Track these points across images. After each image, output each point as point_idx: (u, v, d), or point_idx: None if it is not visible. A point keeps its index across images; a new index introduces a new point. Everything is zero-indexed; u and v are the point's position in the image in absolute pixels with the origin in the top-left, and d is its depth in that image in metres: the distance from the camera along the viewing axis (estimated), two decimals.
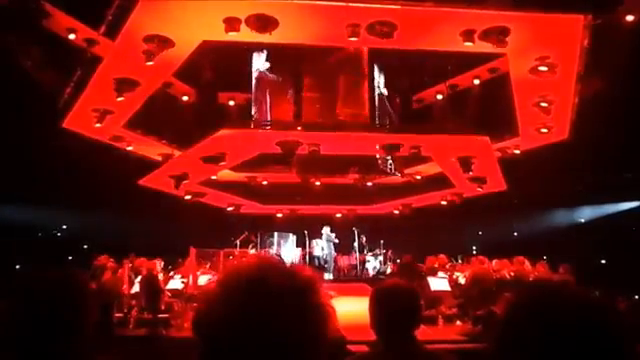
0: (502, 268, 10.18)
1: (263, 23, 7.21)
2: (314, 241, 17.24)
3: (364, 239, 17.00)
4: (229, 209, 16.05)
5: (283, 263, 1.04)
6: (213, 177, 13.18)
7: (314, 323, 0.97)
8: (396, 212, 16.98)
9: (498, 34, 7.48)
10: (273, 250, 16.18)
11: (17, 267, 14.45)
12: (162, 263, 11.13)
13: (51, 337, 1.51)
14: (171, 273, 11.32)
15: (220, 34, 7.43)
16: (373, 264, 16.69)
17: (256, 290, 0.94)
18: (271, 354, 0.92)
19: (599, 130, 11.23)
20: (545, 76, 8.58)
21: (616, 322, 0.93)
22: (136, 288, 9.76)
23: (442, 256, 12.03)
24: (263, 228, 16.93)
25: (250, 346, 0.91)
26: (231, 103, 13.47)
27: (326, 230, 16.92)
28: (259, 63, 12.08)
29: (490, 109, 11.51)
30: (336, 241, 16.88)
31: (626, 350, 0.90)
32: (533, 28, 7.55)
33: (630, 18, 7.98)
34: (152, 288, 9.29)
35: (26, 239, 16.21)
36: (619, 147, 12.35)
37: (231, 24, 7.18)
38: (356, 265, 16.81)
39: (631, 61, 8.71)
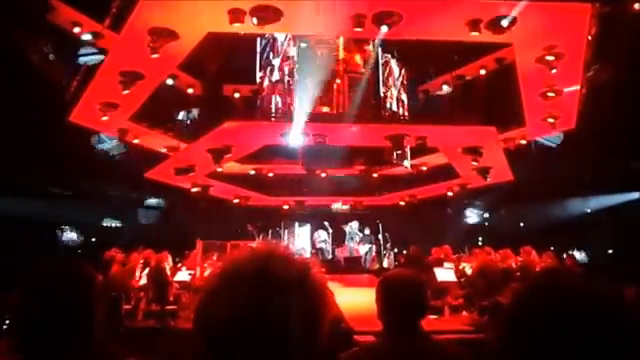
0: (508, 258, 10.15)
1: (268, 14, 7.18)
2: (316, 233, 17.29)
3: (367, 231, 17.02)
4: (235, 201, 16.11)
5: (281, 250, 1.04)
6: (219, 169, 13.21)
7: (315, 308, 0.98)
8: (402, 203, 16.98)
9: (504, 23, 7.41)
10: (290, 240, 16.34)
11: (26, 260, 14.57)
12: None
13: (60, 328, 1.53)
14: (179, 265, 11.38)
15: (225, 25, 7.41)
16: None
17: (256, 279, 0.95)
18: (274, 341, 0.92)
19: (608, 119, 11.14)
20: (552, 65, 8.50)
21: (622, 311, 0.93)
22: (144, 280, 9.82)
23: (447, 247, 12.02)
24: (284, 218, 17.03)
25: (253, 335, 0.92)
26: (236, 95, 13.47)
27: (352, 225, 17.01)
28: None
29: (497, 99, 11.45)
30: (360, 235, 16.95)
31: (632, 339, 0.90)
32: (540, 17, 7.47)
33: (638, 6, 7.88)
34: (160, 280, 9.34)
35: (35, 232, 16.33)
36: (628, 136, 12.26)
37: (235, 15, 7.16)
38: (359, 257, 16.79)
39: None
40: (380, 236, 16.75)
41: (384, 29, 7.50)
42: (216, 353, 0.95)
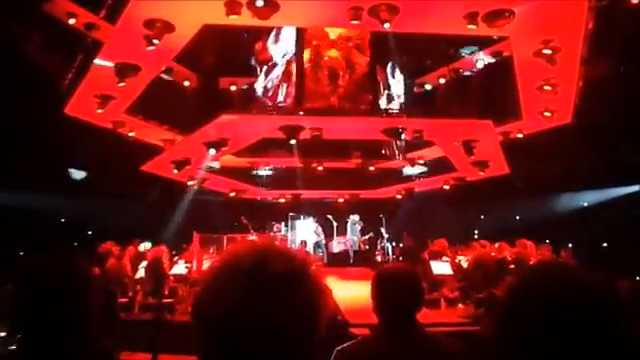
0: (504, 251, 10.20)
1: (264, 6, 7.14)
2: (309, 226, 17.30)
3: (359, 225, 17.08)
4: (231, 194, 16.08)
5: (280, 246, 1.04)
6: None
7: (313, 305, 0.98)
8: (398, 196, 17.00)
9: (502, 16, 7.38)
10: (288, 233, 16.40)
11: (21, 253, 14.53)
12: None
13: (55, 321, 1.52)
14: (175, 258, 11.39)
15: (221, 17, 7.36)
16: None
17: (254, 274, 0.95)
18: (271, 337, 0.92)
19: (603, 113, 11.15)
20: (549, 59, 8.48)
21: (615, 304, 0.94)
22: (141, 273, 9.83)
23: (443, 240, 12.05)
24: (281, 212, 17.05)
25: (250, 330, 0.92)
26: (233, 88, 13.41)
27: (353, 217, 17.05)
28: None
29: (493, 92, 11.44)
30: (359, 227, 17.00)
31: (623, 332, 0.91)
32: (537, 10, 7.44)
33: (636, 0, 7.86)
34: (157, 273, 9.35)
35: (30, 225, 16.26)
36: (623, 130, 12.28)
37: (232, 7, 7.11)
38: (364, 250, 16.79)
39: (636, 43, 8.60)
40: (381, 229, 16.76)
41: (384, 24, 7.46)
42: (214, 345, 0.95)
